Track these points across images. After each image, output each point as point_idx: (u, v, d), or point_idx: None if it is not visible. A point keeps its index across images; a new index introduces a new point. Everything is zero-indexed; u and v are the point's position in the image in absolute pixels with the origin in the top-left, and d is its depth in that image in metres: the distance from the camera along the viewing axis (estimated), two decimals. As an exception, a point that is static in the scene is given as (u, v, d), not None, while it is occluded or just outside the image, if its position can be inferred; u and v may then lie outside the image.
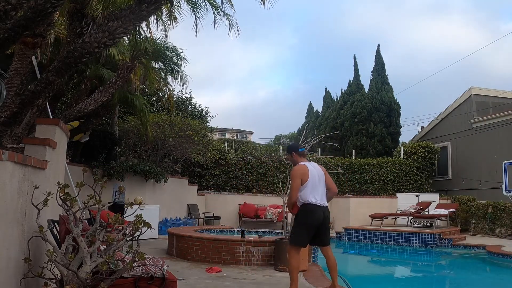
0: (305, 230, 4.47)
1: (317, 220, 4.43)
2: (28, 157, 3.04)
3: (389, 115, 20.74)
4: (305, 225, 4.45)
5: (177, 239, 7.18)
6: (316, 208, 4.43)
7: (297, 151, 4.77)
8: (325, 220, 4.51)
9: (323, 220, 4.47)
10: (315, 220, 4.42)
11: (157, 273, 3.14)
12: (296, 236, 4.51)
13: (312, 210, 4.41)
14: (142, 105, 10.49)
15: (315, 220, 4.42)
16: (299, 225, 4.50)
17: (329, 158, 16.59)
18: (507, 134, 14.91)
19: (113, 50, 8.75)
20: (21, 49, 5.80)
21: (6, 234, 2.65)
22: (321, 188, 4.57)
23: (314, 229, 4.47)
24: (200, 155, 13.92)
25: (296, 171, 4.54)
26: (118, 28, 4.84)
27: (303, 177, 4.47)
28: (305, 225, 4.45)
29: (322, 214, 4.46)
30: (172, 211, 12.27)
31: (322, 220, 4.46)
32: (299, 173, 4.49)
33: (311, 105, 31.03)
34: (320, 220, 4.44)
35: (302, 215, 4.47)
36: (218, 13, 8.25)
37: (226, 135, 41.31)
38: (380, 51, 22.06)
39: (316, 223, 4.44)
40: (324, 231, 4.56)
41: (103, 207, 3.03)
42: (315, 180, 4.52)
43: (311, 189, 4.46)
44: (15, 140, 5.83)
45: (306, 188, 4.46)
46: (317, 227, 4.47)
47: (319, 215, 4.43)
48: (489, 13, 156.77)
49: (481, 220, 13.25)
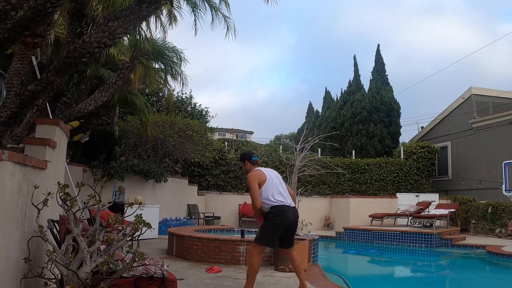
0: (274, 230, 4.32)
1: (288, 220, 4.31)
2: (28, 157, 3.04)
3: (389, 115, 20.75)
4: (274, 225, 4.30)
5: (177, 239, 7.18)
6: (287, 208, 4.31)
7: (250, 160, 4.63)
8: (295, 220, 4.43)
9: (293, 220, 4.38)
10: (286, 220, 4.30)
11: (157, 273, 3.14)
12: (263, 235, 4.36)
13: (283, 210, 4.29)
14: (142, 105, 10.49)
15: (285, 220, 4.30)
16: (269, 225, 4.34)
17: (329, 158, 16.60)
18: (507, 134, 14.91)
19: (113, 50, 8.75)
20: (21, 49, 5.79)
21: (6, 234, 2.65)
22: (283, 188, 4.45)
23: (283, 229, 4.35)
24: (200, 155, 13.92)
25: (250, 175, 4.40)
26: (118, 28, 4.85)
27: (260, 178, 4.34)
28: (275, 225, 4.30)
29: (293, 214, 4.36)
30: (172, 211, 12.27)
31: (292, 220, 4.37)
32: (255, 177, 4.35)
33: (311, 105, 31.06)
34: (290, 220, 4.34)
35: (272, 215, 4.30)
36: (216, 15, 8.28)
37: (226, 135, 41.30)
38: (380, 51, 22.09)
39: (286, 223, 4.32)
40: (291, 232, 4.46)
41: (103, 207, 3.03)
42: (275, 181, 4.41)
43: (274, 189, 4.34)
44: (15, 140, 5.83)
45: (268, 189, 4.33)
46: (286, 228, 4.37)
47: (289, 215, 4.32)
48: (486, 14, 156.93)
49: (481, 220, 13.26)
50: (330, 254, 10.80)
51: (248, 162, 4.62)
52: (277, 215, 4.29)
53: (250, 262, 4.36)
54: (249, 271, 4.33)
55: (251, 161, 4.62)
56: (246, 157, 4.70)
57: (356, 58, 24.02)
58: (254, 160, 4.63)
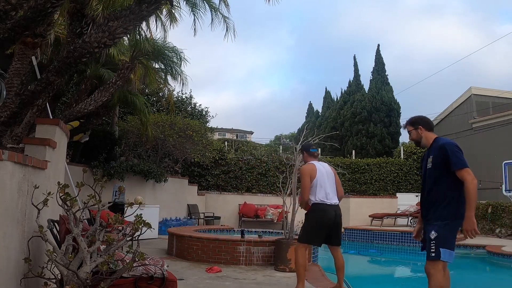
0: (315, 229, 4.45)
1: (329, 219, 4.41)
2: (28, 157, 3.04)
3: (389, 115, 20.75)
4: (316, 224, 4.43)
5: (177, 239, 7.18)
6: (327, 207, 4.42)
7: (308, 151, 4.83)
8: (337, 218, 4.50)
9: (334, 219, 4.45)
10: (326, 219, 4.40)
11: (157, 273, 3.14)
12: (305, 234, 4.50)
13: (323, 209, 4.40)
14: (142, 105, 10.49)
15: (326, 219, 4.40)
16: (310, 224, 4.48)
17: (329, 158, 16.60)
18: (507, 134, 14.91)
19: (113, 50, 8.75)
20: (21, 49, 5.79)
21: (6, 234, 2.65)
22: (330, 186, 4.56)
23: (325, 228, 4.45)
24: (200, 155, 13.91)
25: (304, 169, 4.57)
26: (118, 28, 4.85)
27: (312, 174, 4.49)
28: (316, 224, 4.43)
29: (334, 212, 4.45)
30: (172, 211, 12.27)
31: (334, 219, 4.44)
32: (307, 171, 4.52)
33: (311, 105, 31.10)
34: (332, 218, 4.42)
35: (313, 214, 4.46)
36: (216, 15, 8.27)
37: (226, 135, 41.29)
38: (380, 51, 22.13)
39: (327, 222, 4.42)
40: (335, 230, 4.54)
41: (103, 207, 3.02)
42: (323, 178, 4.53)
43: (320, 187, 4.46)
44: (15, 140, 5.83)
45: (316, 186, 4.46)
46: (329, 226, 4.46)
47: (330, 213, 4.42)
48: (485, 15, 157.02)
49: (481, 220, 13.24)
50: (330, 254, 10.78)
51: (306, 153, 4.83)
52: (317, 214, 4.42)
53: (297, 261, 4.48)
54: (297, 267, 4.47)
55: (309, 153, 4.82)
56: (304, 148, 4.94)
57: (356, 58, 24.09)
58: (312, 151, 4.84)
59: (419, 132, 3.43)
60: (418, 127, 3.43)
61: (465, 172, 3.11)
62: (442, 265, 3.09)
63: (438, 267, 3.09)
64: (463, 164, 3.11)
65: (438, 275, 3.07)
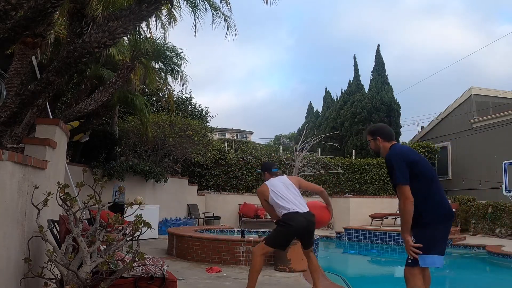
0: (284, 235, 4.41)
1: (299, 226, 4.35)
2: (28, 157, 3.04)
3: (389, 115, 20.72)
4: (284, 231, 4.39)
5: (177, 239, 7.18)
6: (294, 215, 4.34)
7: (269, 171, 4.77)
8: (310, 226, 4.44)
9: (307, 226, 4.40)
10: (297, 226, 4.34)
11: (157, 273, 3.14)
12: (272, 238, 4.43)
13: (292, 218, 4.33)
14: (142, 105, 10.48)
15: (296, 226, 4.34)
16: (279, 230, 4.44)
17: (329, 158, 16.61)
18: (507, 134, 14.91)
19: (113, 50, 8.75)
20: (21, 49, 5.79)
21: (6, 234, 2.65)
22: (294, 196, 4.50)
23: (296, 234, 4.42)
24: (200, 155, 13.92)
25: (258, 193, 4.66)
26: (118, 28, 4.85)
27: (265, 194, 4.52)
28: (285, 231, 4.39)
29: (304, 219, 4.38)
30: (172, 211, 12.27)
31: (306, 227, 4.40)
32: (260, 195, 4.60)
33: (311, 105, 31.07)
34: (303, 225, 4.36)
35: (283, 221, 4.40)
36: (217, 14, 8.25)
37: (226, 135, 41.28)
38: (380, 51, 22.06)
39: (300, 230, 4.37)
40: (308, 236, 4.51)
41: (103, 207, 3.02)
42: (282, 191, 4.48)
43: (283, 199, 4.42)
44: (15, 140, 5.83)
45: (274, 201, 4.44)
46: (301, 234, 4.43)
47: (300, 221, 4.34)
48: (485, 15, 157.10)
49: (481, 220, 13.25)
50: (330, 254, 10.80)
51: (267, 173, 4.77)
52: (287, 222, 4.35)
53: (253, 261, 4.38)
54: (251, 270, 4.36)
55: (271, 173, 4.77)
56: (265, 168, 4.86)
57: (356, 58, 24.02)
58: (273, 171, 4.78)
59: (377, 142, 3.41)
60: (377, 137, 3.41)
61: (399, 190, 3.04)
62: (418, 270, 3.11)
63: (414, 272, 3.11)
64: (399, 179, 3.02)
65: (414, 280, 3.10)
